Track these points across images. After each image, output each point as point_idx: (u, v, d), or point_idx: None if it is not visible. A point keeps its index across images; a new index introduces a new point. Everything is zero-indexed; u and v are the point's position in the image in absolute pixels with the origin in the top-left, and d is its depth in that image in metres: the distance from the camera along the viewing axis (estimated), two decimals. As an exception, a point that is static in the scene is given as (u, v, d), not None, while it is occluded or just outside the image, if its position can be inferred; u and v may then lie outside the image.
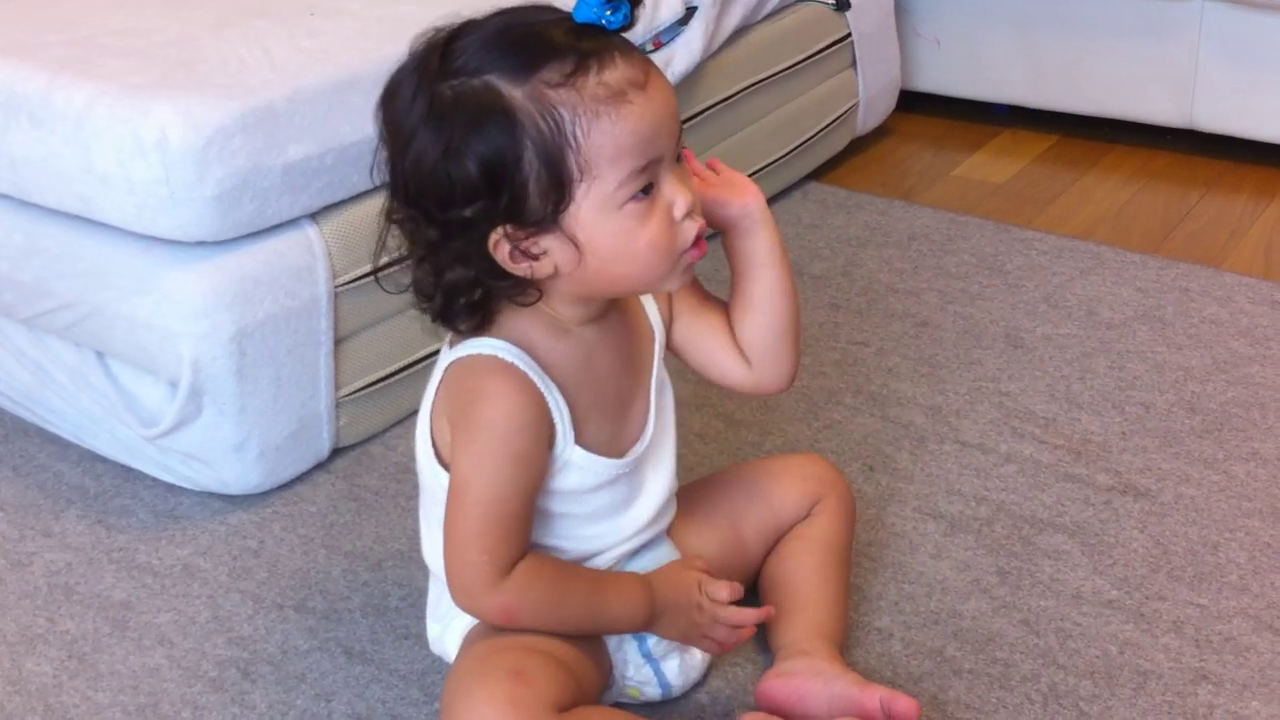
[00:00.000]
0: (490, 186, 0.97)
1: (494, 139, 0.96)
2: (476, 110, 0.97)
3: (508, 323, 1.05)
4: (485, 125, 0.96)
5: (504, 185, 0.97)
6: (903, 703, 1.08)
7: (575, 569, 1.10)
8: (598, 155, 0.97)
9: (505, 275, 1.01)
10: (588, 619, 1.09)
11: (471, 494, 1.03)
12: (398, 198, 1.02)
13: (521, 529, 1.05)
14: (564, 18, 0.99)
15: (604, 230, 0.99)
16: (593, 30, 0.98)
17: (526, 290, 1.03)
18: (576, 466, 1.08)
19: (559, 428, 1.05)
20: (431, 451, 1.09)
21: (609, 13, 0.98)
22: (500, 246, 1.00)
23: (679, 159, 1.03)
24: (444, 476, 1.07)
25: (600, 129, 0.96)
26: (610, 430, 1.10)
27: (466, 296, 1.03)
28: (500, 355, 1.04)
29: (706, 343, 1.16)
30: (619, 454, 1.10)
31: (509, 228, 0.99)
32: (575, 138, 0.96)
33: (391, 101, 1.01)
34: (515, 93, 0.96)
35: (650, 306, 1.16)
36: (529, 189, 0.97)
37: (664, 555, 1.17)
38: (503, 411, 1.03)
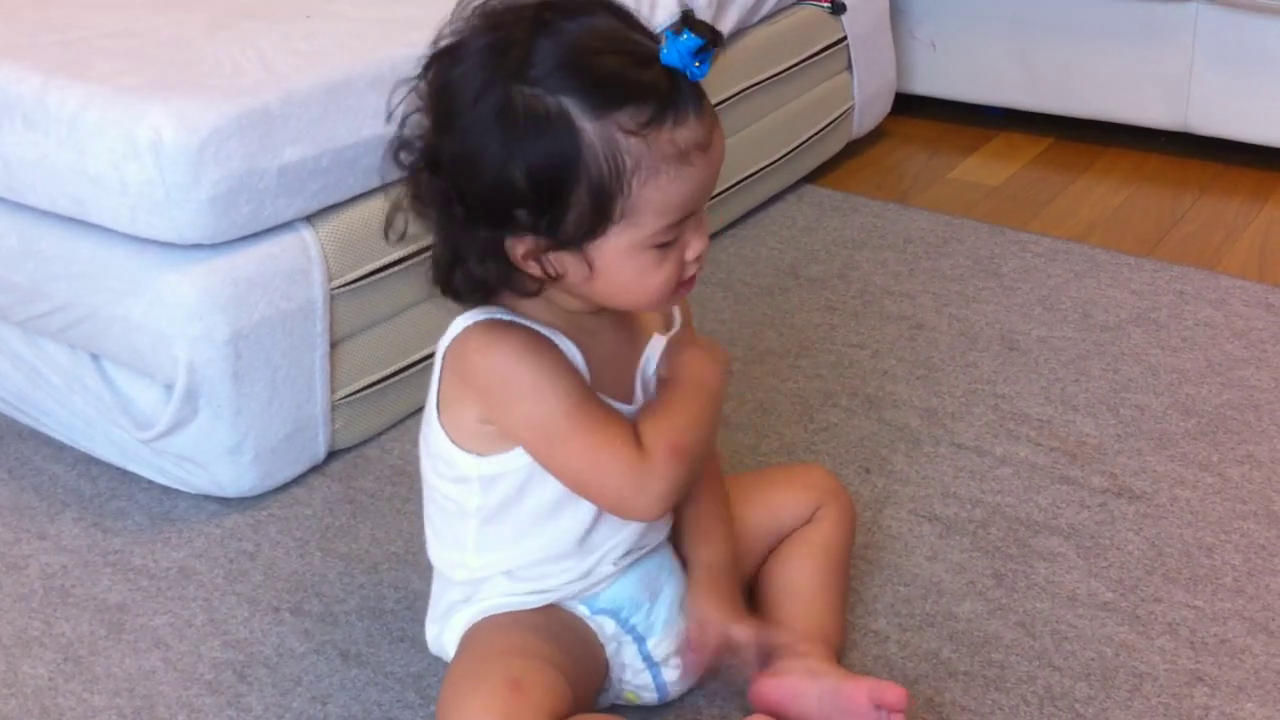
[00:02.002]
0: (534, 202, 0.97)
1: (555, 165, 0.96)
2: (546, 132, 0.96)
3: (506, 300, 1.06)
4: (550, 149, 0.96)
5: (548, 206, 0.97)
6: (891, 692, 1.08)
7: (658, 406, 1.09)
8: (645, 206, 0.97)
9: (511, 267, 1.02)
10: (709, 404, 1.08)
11: (559, 422, 1.02)
12: (428, 165, 1.01)
13: (614, 412, 1.05)
14: (652, 53, 0.97)
15: (622, 265, 1.00)
16: (674, 74, 0.97)
17: (529, 283, 1.03)
18: None
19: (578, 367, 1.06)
20: (447, 439, 1.08)
21: (696, 64, 0.96)
22: (516, 247, 1.00)
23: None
24: (462, 459, 1.07)
25: (656, 185, 0.97)
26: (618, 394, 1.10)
27: (466, 274, 1.03)
28: (495, 315, 1.04)
29: None
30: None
31: (533, 238, 0.99)
32: (630, 186, 0.96)
33: (451, 61, 0.99)
34: (587, 126, 0.96)
35: None
36: (569, 215, 0.97)
37: (662, 561, 1.17)
38: (516, 350, 1.03)
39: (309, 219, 1.47)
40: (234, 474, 1.45)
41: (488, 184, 0.98)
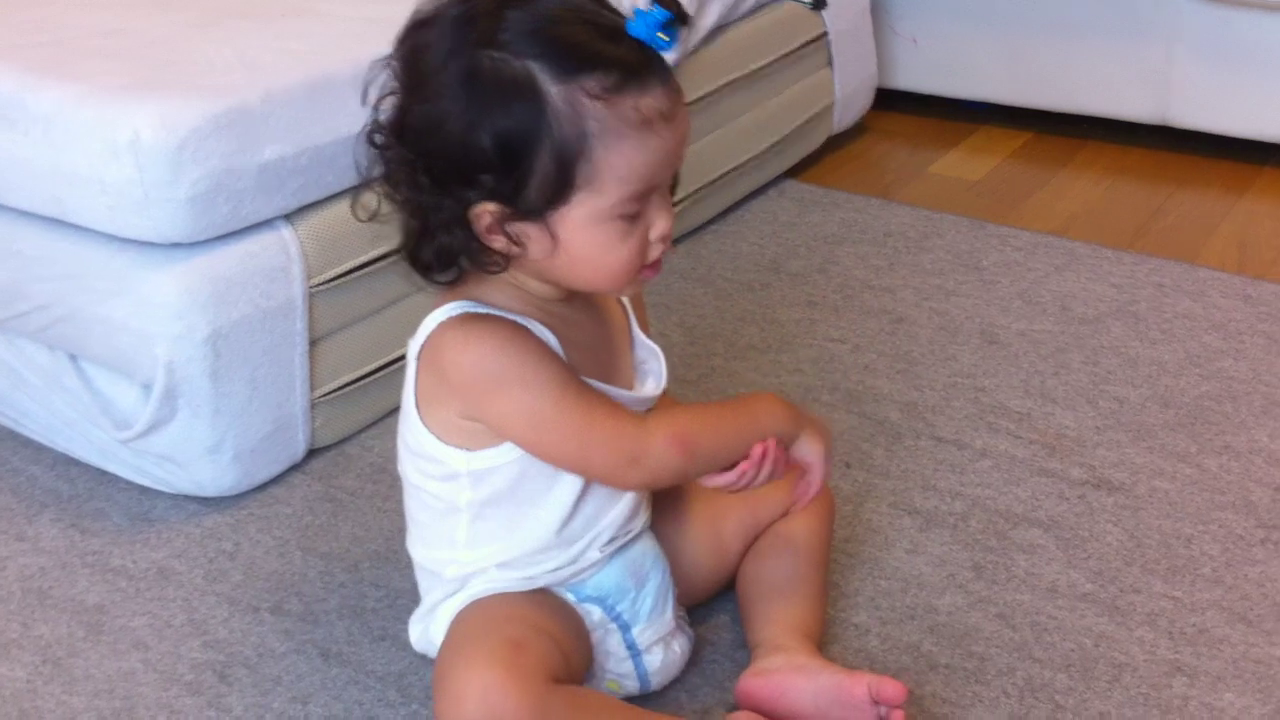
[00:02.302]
0: (500, 167, 0.98)
1: (519, 126, 0.97)
2: (512, 93, 0.97)
3: (476, 289, 1.06)
4: (515, 111, 0.97)
5: (512, 171, 0.98)
6: (890, 687, 1.09)
7: (706, 404, 1.10)
8: (608, 173, 0.98)
9: (476, 239, 1.02)
10: (746, 425, 1.08)
11: (547, 409, 1.03)
12: (395, 134, 1.02)
13: (600, 393, 1.05)
14: (619, 25, 0.99)
15: (585, 237, 1.01)
16: (641, 46, 0.99)
17: (493, 258, 1.03)
18: None
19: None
20: (433, 438, 1.08)
21: (663, 37, 0.98)
22: (481, 218, 1.00)
23: (673, 186, 1.04)
24: (452, 456, 1.07)
25: (619, 150, 0.98)
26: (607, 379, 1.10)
27: (433, 245, 1.03)
28: (466, 309, 1.05)
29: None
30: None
31: (498, 206, 0.99)
32: (593, 150, 0.97)
33: (424, 32, 1.00)
34: (553, 89, 0.97)
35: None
36: (532, 181, 0.98)
37: (647, 549, 1.17)
38: (495, 343, 1.03)
39: (288, 217, 1.46)
40: (213, 473, 1.45)
41: (454, 148, 0.98)
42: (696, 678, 1.22)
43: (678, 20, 0.98)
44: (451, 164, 0.99)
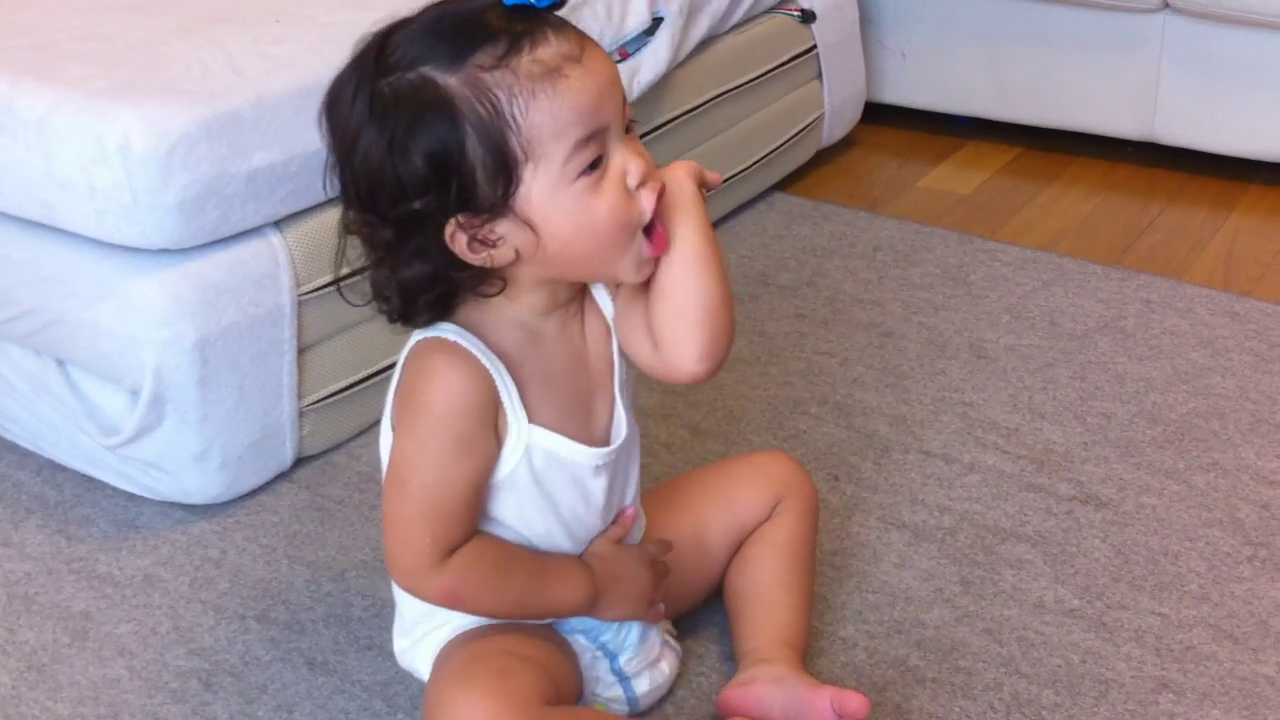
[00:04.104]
0: (438, 178, 0.97)
1: (436, 131, 0.96)
2: (416, 104, 0.96)
3: (461, 312, 1.05)
4: (425, 118, 0.96)
5: (451, 175, 0.97)
6: (852, 700, 1.08)
7: (519, 550, 1.09)
8: (539, 134, 0.96)
9: (465, 266, 1.01)
10: (530, 601, 1.08)
11: (415, 477, 1.03)
12: (351, 204, 1.01)
13: (466, 514, 1.05)
14: (495, 3, 0.98)
15: (558, 209, 0.98)
16: (523, 12, 0.98)
17: (489, 280, 1.02)
18: (541, 450, 1.06)
19: (508, 407, 1.04)
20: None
21: None
22: (457, 237, 0.99)
23: (629, 129, 1.02)
24: None
25: (538, 107, 0.96)
26: (573, 424, 1.09)
27: (426, 294, 1.02)
28: (445, 335, 1.04)
29: (627, 320, 1.09)
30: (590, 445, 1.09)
31: (463, 217, 0.98)
32: (514, 119, 0.96)
33: (334, 107, 1.01)
34: (450, 80, 0.96)
35: (604, 300, 1.12)
36: (476, 176, 0.97)
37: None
38: (445, 393, 1.02)
39: (277, 224, 1.46)
40: (200, 480, 1.44)
41: (392, 184, 0.97)
42: (684, 690, 1.22)
43: None
44: (397, 199, 0.98)
